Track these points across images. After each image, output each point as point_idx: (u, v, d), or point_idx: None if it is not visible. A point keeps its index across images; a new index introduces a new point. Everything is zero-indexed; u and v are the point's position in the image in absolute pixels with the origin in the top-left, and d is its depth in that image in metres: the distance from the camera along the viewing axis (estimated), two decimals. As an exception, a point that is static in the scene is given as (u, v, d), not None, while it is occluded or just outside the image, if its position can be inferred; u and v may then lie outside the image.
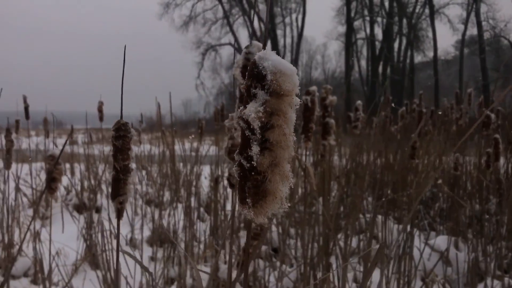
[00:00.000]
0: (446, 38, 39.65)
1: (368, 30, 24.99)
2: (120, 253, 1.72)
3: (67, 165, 5.89)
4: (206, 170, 4.31)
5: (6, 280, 0.97)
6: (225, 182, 3.09)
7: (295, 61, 23.33)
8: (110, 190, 2.51)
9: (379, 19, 24.73)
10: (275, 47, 25.57)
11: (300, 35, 25.94)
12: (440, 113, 4.18)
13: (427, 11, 23.56)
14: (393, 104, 4.11)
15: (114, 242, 2.24)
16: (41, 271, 2.07)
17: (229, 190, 3.23)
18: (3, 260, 2.44)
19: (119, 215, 0.59)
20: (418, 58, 24.98)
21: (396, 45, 24.51)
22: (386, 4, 24.33)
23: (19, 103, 2.83)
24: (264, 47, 0.35)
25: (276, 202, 0.34)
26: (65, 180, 4.54)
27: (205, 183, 4.03)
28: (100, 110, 2.44)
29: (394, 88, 22.66)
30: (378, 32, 24.95)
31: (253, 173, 0.34)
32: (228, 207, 3.01)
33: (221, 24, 27.06)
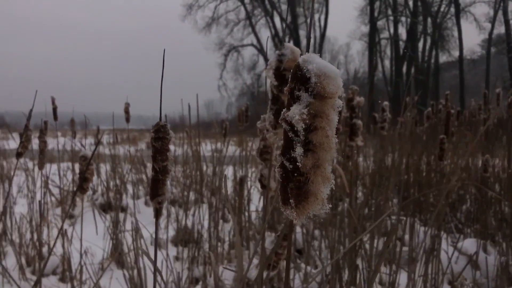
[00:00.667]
0: (472, 37, 38.90)
1: (392, 30, 24.72)
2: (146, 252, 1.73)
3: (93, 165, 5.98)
4: (229, 170, 4.33)
5: (39, 279, 1.00)
6: (249, 183, 3.10)
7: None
8: (135, 190, 2.55)
9: (403, 18, 24.44)
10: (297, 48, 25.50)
11: (322, 35, 25.83)
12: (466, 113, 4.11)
13: (452, 9, 23.16)
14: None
15: (140, 241, 2.26)
16: (69, 269, 2.12)
17: (252, 191, 3.24)
18: (32, 258, 2.50)
19: (157, 215, 0.60)
20: (443, 58, 24.58)
21: (420, 44, 24.18)
22: (410, 3, 24.01)
23: (47, 104, 2.89)
24: (307, 50, 0.35)
25: (318, 203, 0.34)
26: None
27: (228, 184, 4.05)
28: (126, 111, 2.48)
29: (419, 88, 22.34)
30: (402, 32, 24.66)
31: (295, 175, 0.34)
32: (252, 207, 3.01)
33: (243, 25, 27.18)
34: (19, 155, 1.01)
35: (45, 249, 2.48)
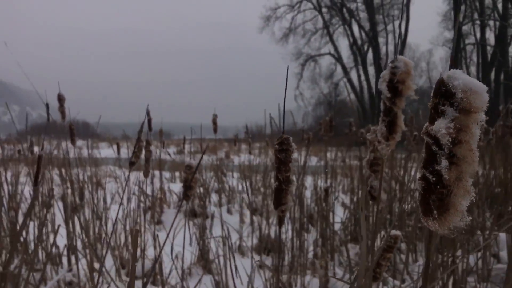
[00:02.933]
0: None
1: (478, 35, 23.41)
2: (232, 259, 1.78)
3: (177, 174, 6.25)
4: (307, 180, 4.33)
5: (146, 282, 1.06)
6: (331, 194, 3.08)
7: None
8: (218, 198, 2.63)
9: (491, 22, 23.05)
10: (376, 56, 24.95)
11: (403, 42, 25.07)
12: None
13: (548, 10, 21.51)
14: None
15: (224, 248, 2.33)
16: (160, 273, 2.23)
17: (335, 202, 3.21)
18: (126, 261, 2.66)
19: (280, 223, 0.63)
20: (537, 63, 22.82)
21: (511, 49, 22.64)
22: (499, 6, 22.61)
23: (141, 115, 3.08)
24: (452, 65, 0.36)
25: (458, 215, 0.35)
26: (176, 187, 4.84)
27: (307, 194, 4.05)
28: (214, 122, 2.60)
29: (509, 96, 20.93)
30: (490, 36, 23.25)
31: (438, 187, 0.35)
32: (337, 219, 2.98)
33: (320, 34, 27.11)
34: (132, 164, 1.09)
35: (137, 253, 2.62)
